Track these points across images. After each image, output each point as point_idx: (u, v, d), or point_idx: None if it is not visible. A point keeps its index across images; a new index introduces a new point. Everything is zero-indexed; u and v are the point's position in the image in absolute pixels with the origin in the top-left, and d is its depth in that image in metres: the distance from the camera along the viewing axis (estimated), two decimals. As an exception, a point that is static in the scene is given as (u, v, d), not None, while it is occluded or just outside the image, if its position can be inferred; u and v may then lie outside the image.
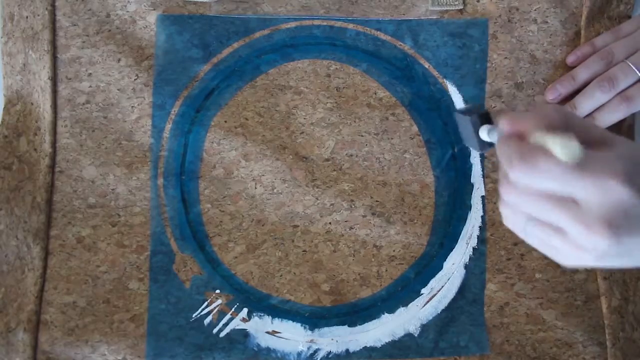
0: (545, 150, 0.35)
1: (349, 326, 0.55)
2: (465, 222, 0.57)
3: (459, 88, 0.59)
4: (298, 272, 0.56)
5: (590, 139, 0.36)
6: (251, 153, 0.57)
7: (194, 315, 0.55)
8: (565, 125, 0.36)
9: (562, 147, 0.34)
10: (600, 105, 0.56)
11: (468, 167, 0.58)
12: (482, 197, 0.58)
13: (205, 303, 0.55)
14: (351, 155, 0.58)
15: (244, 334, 0.55)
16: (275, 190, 0.57)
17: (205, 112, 0.58)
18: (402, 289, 0.56)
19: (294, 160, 0.57)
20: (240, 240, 0.56)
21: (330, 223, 0.57)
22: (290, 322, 0.55)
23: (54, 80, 0.58)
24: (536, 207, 0.37)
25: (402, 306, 0.56)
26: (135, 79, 0.58)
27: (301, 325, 0.55)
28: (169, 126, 0.58)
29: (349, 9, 0.60)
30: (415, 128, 0.58)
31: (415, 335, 0.55)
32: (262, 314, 0.55)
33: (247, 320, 0.55)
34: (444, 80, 0.59)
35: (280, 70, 0.59)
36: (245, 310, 0.55)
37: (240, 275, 0.56)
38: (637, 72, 0.55)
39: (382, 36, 0.60)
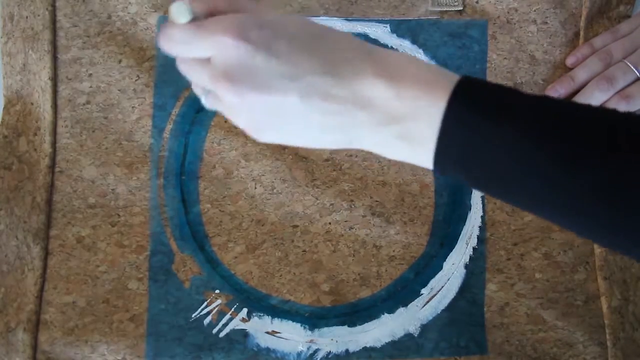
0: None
1: (348, 326, 0.55)
2: (465, 222, 0.57)
3: (459, 88, 0.59)
4: (298, 272, 0.56)
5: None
6: (251, 153, 0.57)
7: (193, 316, 0.55)
8: (230, 8, 0.38)
9: (172, 10, 0.36)
10: (600, 104, 0.56)
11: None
12: (482, 197, 0.58)
13: (205, 303, 0.55)
14: (351, 155, 0.58)
15: (244, 334, 0.55)
16: (275, 190, 0.57)
17: (205, 113, 0.58)
18: (402, 289, 0.56)
19: (294, 160, 0.58)
20: (240, 240, 0.56)
21: (330, 223, 0.57)
22: (290, 322, 0.55)
23: (55, 80, 0.58)
24: (190, 74, 0.39)
25: (402, 306, 0.56)
26: (136, 80, 0.58)
27: (301, 326, 0.55)
28: (169, 126, 0.58)
29: (349, 9, 0.60)
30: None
31: (415, 335, 0.55)
32: (262, 314, 0.55)
33: (246, 320, 0.55)
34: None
35: (280, 71, 0.59)
36: (244, 310, 0.55)
37: (240, 275, 0.56)
38: (636, 71, 0.55)
39: (382, 36, 0.60)
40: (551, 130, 0.34)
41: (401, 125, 0.36)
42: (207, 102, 0.41)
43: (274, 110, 0.37)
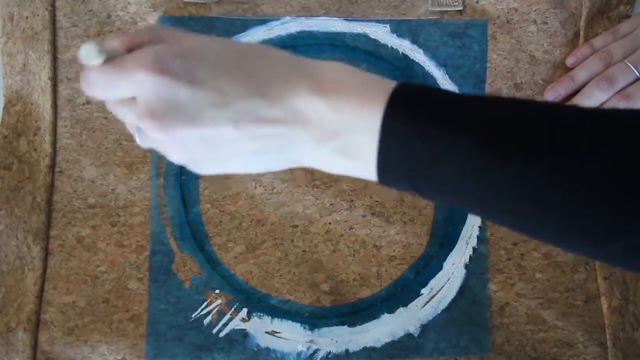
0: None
1: (348, 326, 0.55)
2: (465, 222, 0.57)
3: (459, 88, 0.59)
4: (298, 272, 0.56)
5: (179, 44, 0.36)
6: (251, 153, 0.57)
7: (193, 315, 0.55)
8: (152, 40, 0.36)
9: (81, 54, 0.34)
10: (600, 104, 0.56)
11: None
12: (482, 197, 0.58)
13: (205, 303, 0.55)
14: (351, 156, 0.58)
15: (244, 334, 0.55)
16: (275, 190, 0.57)
17: (205, 113, 0.58)
18: (402, 289, 0.56)
19: (294, 161, 0.57)
20: (239, 240, 0.56)
21: (330, 223, 0.57)
22: (290, 322, 0.55)
23: (54, 80, 0.58)
24: (119, 115, 0.37)
25: (402, 306, 0.56)
26: (135, 80, 0.58)
27: (301, 325, 0.55)
28: (169, 126, 0.58)
29: (349, 9, 0.60)
30: (415, 128, 0.58)
31: (415, 335, 0.55)
32: (262, 314, 0.55)
33: (246, 320, 0.55)
34: (444, 80, 0.59)
35: (280, 71, 0.59)
36: (244, 310, 0.55)
37: (239, 275, 0.56)
38: (636, 71, 0.55)
39: (382, 36, 0.60)
40: (493, 129, 0.33)
41: (340, 139, 0.35)
42: (140, 141, 0.39)
43: (207, 143, 0.35)
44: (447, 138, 0.33)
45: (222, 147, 0.35)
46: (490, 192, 0.34)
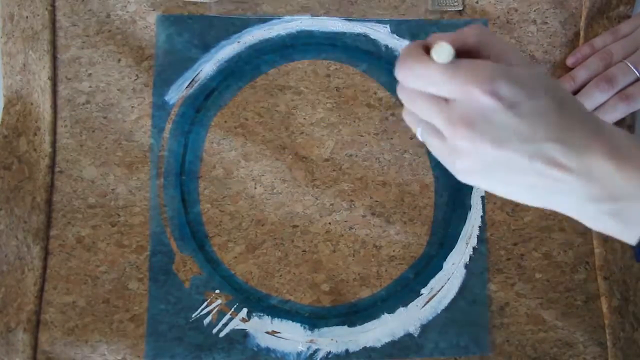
0: (425, 55, 0.38)
1: (348, 326, 0.55)
2: (465, 222, 0.57)
3: (459, 88, 0.59)
4: (298, 272, 0.56)
5: (508, 63, 0.38)
6: (251, 153, 0.57)
7: (193, 316, 0.55)
8: (479, 44, 0.38)
9: (436, 49, 0.37)
10: (600, 104, 0.56)
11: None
12: (482, 197, 0.58)
13: (205, 303, 0.55)
14: (351, 156, 0.58)
15: (244, 334, 0.55)
16: (275, 190, 0.57)
17: (205, 112, 0.58)
18: (402, 289, 0.56)
19: (294, 161, 0.58)
20: (240, 240, 0.56)
21: (329, 223, 0.57)
22: (290, 322, 0.55)
23: (54, 80, 0.58)
24: (416, 106, 0.39)
25: (402, 306, 0.56)
26: (135, 79, 0.58)
27: (301, 326, 0.55)
28: (169, 126, 0.58)
29: (349, 9, 0.60)
30: (415, 128, 0.58)
31: (415, 335, 0.55)
32: (262, 314, 0.55)
33: (246, 320, 0.55)
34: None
35: (280, 71, 0.59)
36: (244, 310, 0.55)
37: (239, 275, 0.56)
38: (636, 71, 0.55)
39: (382, 36, 0.60)
40: None
41: (617, 205, 0.37)
42: (420, 135, 0.41)
43: (497, 164, 0.37)
44: None
45: (505, 171, 0.38)
46: None
